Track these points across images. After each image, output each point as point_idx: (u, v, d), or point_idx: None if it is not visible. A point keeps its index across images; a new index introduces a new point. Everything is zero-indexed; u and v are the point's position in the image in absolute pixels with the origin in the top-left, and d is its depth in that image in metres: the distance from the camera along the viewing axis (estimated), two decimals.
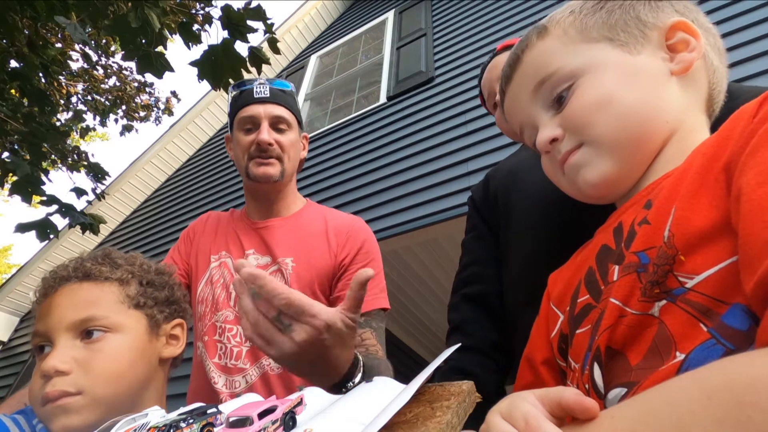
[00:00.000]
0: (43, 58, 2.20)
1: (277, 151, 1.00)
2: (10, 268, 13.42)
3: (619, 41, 0.47)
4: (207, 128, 4.99)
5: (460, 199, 2.25)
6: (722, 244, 0.31)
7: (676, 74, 0.46)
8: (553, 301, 0.52)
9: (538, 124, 0.51)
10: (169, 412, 0.44)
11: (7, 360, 4.54)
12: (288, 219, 1.04)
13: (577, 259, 0.51)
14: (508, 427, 0.30)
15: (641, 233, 0.38)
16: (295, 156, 1.05)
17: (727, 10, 2.11)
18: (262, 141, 0.97)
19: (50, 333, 0.58)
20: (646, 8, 0.48)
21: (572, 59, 0.48)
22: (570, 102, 0.47)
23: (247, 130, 1.01)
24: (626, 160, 0.45)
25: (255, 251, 1.00)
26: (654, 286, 0.35)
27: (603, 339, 0.37)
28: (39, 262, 4.73)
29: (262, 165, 0.98)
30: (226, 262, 1.01)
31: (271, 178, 0.98)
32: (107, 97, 4.80)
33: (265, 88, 1.02)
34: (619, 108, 0.44)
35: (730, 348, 0.29)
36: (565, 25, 0.50)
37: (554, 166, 0.51)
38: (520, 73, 0.53)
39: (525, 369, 0.53)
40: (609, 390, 0.36)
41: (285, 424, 0.40)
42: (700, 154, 0.37)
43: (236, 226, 1.06)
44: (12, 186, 1.97)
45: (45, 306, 0.61)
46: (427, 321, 3.40)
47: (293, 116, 1.05)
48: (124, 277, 0.66)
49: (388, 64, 3.55)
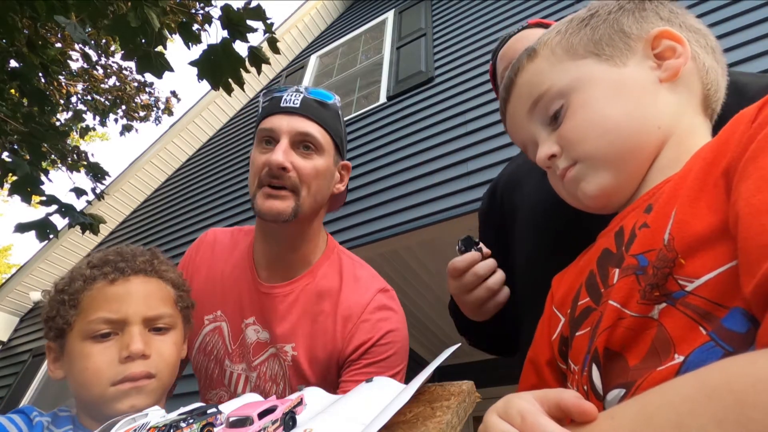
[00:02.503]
0: (42, 58, 2.20)
1: (292, 180, 0.77)
2: (9, 268, 13.41)
3: (605, 55, 0.49)
4: (207, 128, 4.98)
5: (460, 199, 2.25)
6: (722, 248, 0.31)
7: (665, 81, 0.47)
8: (555, 304, 0.52)
9: (538, 141, 0.53)
10: (169, 412, 0.44)
11: (6, 360, 4.54)
12: (298, 283, 0.83)
13: (580, 262, 0.52)
14: (505, 425, 0.30)
15: (641, 236, 0.39)
16: (320, 189, 0.81)
17: (727, 10, 2.11)
18: (272, 163, 0.75)
19: (126, 320, 0.63)
20: (630, 20, 0.50)
21: (561, 77, 0.50)
22: (563, 121, 0.49)
23: (264, 147, 0.80)
24: (621, 170, 0.46)
25: (255, 321, 0.83)
26: (653, 289, 0.35)
27: (601, 340, 0.37)
28: (39, 262, 4.73)
29: (269, 198, 0.76)
30: (221, 328, 0.86)
31: (280, 217, 0.76)
32: (107, 97, 4.80)
33: (297, 96, 0.81)
34: (607, 124, 0.46)
35: (729, 350, 0.29)
36: (553, 46, 0.52)
37: (556, 180, 0.53)
38: (515, 95, 0.56)
39: (529, 371, 0.53)
40: (608, 391, 0.36)
41: (285, 424, 0.40)
42: (699, 158, 0.37)
43: (239, 277, 0.86)
44: (12, 186, 1.97)
45: (114, 292, 0.64)
46: (427, 321, 3.40)
47: (328, 136, 0.82)
48: (177, 280, 0.72)
49: (388, 64, 3.54)
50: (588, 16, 0.52)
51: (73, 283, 0.65)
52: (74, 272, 0.67)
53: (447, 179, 2.39)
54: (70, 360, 0.62)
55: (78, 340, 0.62)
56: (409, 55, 3.44)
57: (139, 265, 0.67)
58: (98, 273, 0.65)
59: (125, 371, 0.59)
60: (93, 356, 0.60)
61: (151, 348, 0.63)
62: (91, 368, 0.59)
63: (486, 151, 2.35)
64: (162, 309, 0.66)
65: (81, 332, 0.62)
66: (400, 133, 2.86)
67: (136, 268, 0.67)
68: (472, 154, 2.39)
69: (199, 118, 4.94)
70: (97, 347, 0.61)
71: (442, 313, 3.38)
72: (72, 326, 0.62)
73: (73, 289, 0.64)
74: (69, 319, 0.62)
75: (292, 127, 0.78)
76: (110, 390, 0.58)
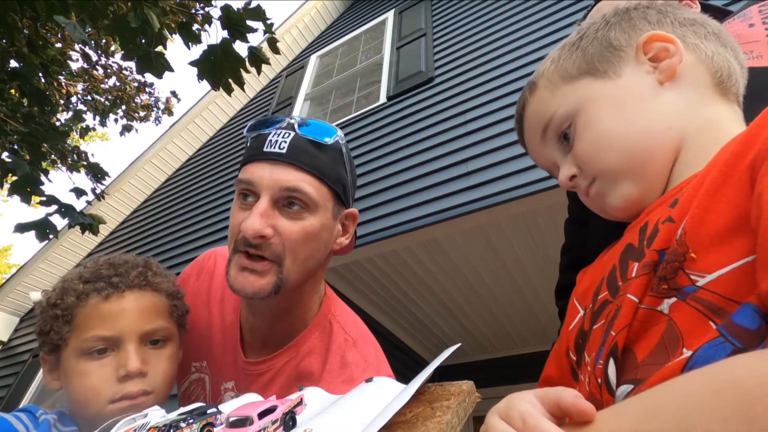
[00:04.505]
0: (42, 58, 2.20)
1: (273, 248, 0.62)
2: (9, 268, 13.40)
3: (599, 72, 0.51)
4: (207, 128, 4.98)
5: (460, 199, 2.25)
6: (738, 243, 0.31)
7: (664, 81, 0.47)
8: (577, 297, 0.53)
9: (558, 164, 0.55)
10: (168, 412, 0.44)
11: (6, 360, 4.54)
12: (278, 359, 0.71)
13: (605, 257, 0.52)
14: (507, 427, 0.30)
15: (663, 231, 0.39)
16: (311, 254, 0.66)
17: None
18: (247, 231, 0.60)
19: (121, 337, 0.62)
20: (618, 33, 0.51)
21: (562, 102, 0.52)
22: (574, 142, 0.51)
23: (242, 202, 0.65)
24: (640, 177, 0.47)
25: (234, 387, 0.75)
26: (662, 282, 0.35)
27: (622, 336, 0.37)
28: (39, 263, 4.72)
29: (244, 271, 0.62)
30: (204, 381, 0.79)
31: (256, 296, 0.62)
32: (107, 97, 4.80)
33: (286, 137, 0.64)
34: (611, 137, 0.48)
35: (738, 346, 0.29)
36: (549, 74, 0.55)
37: (584, 197, 0.54)
38: (527, 127, 0.59)
39: (551, 362, 0.54)
40: (619, 386, 0.37)
41: (285, 424, 0.40)
42: (727, 151, 0.37)
43: (227, 336, 0.77)
44: (11, 186, 1.97)
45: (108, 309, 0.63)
46: (427, 321, 3.39)
47: (324, 188, 0.66)
48: (171, 290, 0.71)
49: (388, 64, 3.54)
50: (577, 38, 0.54)
51: (65, 297, 0.64)
52: (66, 284, 0.65)
53: (447, 179, 2.39)
54: (66, 376, 0.62)
55: (73, 357, 0.61)
56: (409, 55, 3.44)
57: (133, 280, 0.66)
58: (91, 288, 0.64)
59: (123, 390, 0.59)
60: (90, 375, 0.60)
61: (148, 364, 0.63)
62: (89, 386, 0.59)
63: (486, 151, 2.35)
64: (157, 323, 0.66)
65: (76, 349, 0.61)
66: (400, 133, 2.86)
67: (130, 284, 0.66)
68: (472, 154, 2.39)
69: (199, 118, 4.93)
70: (93, 365, 0.61)
71: (442, 313, 3.38)
72: (67, 342, 0.62)
73: (66, 304, 0.63)
74: (63, 335, 0.62)
75: (276, 181, 0.62)
76: (108, 408, 0.59)
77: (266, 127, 0.67)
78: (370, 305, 3.18)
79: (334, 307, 0.76)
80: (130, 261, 0.70)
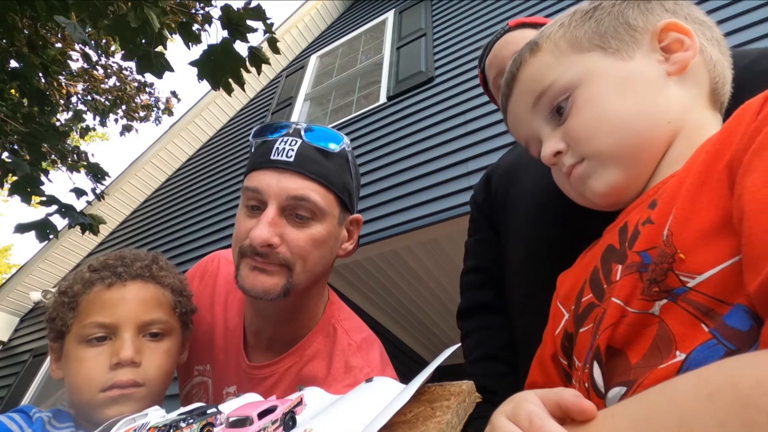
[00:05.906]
0: (43, 58, 2.20)
1: (281, 256, 0.63)
2: (9, 268, 13.41)
3: (611, 49, 0.48)
4: (207, 128, 4.98)
5: (460, 199, 2.25)
6: (724, 244, 0.31)
7: (673, 74, 0.46)
8: (560, 300, 0.52)
9: (542, 138, 0.52)
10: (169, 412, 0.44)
11: (6, 360, 4.54)
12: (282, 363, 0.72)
13: (585, 258, 0.51)
14: (513, 427, 0.30)
15: (644, 233, 0.38)
16: (319, 260, 0.67)
17: (727, 10, 2.11)
18: (255, 240, 0.61)
19: (119, 325, 0.62)
20: (636, 12, 0.48)
21: (566, 71, 0.49)
22: (569, 117, 0.48)
23: (249, 211, 0.66)
24: (631, 167, 0.45)
25: (236, 391, 0.75)
26: (652, 285, 0.35)
27: (604, 338, 0.37)
28: (39, 263, 4.72)
29: (255, 270, 0.64)
30: (206, 385, 0.79)
31: (267, 295, 0.64)
32: (107, 97, 4.80)
33: (293, 145, 0.65)
34: (615, 120, 0.45)
35: (731, 348, 0.29)
36: (556, 39, 0.51)
37: (562, 177, 0.52)
38: (518, 90, 0.54)
39: (534, 369, 0.54)
40: (609, 389, 0.36)
41: (285, 424, 0.40)
42: (703, 152, 0.37)
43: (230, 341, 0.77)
44: (11, 186, 1.97)
45: (109, 297, 0.64)
46: (427, 321, 3.40)
47: (330, 196, 0.66)
48: (176, 285, 0.71)
49: (388, 64, 3.54)
50: (592, 8, 0.50)
51: (73, 285, 0.65)
52: (76, 275, 0.67)
53: (447, 179, 2.39)
54: (66, 363, 0.63)
55: (74, 343, 0.62)
56: (409, 55, 3.44)
57: (136, 270, 0.67)
58: (97, 277, 0.65)
59: (114, 378, 0.59)
60: (86, 361, 0.60)
61: (142, 355, 0.63)
62: (83, 373, 0.60)
63: (486, 151, 2.35)
64: (156, 314, 0.66)
65: (77, 336, 0.62)
66: (400, 133, 2.86)
67: (133, 274, 0.67)
68: (472, 154, 2.39)
69: (199, 118, 4.93)
70: (90, 352, 0.61)
71: (442, 313, 3.38)
72: (69, 329, 0.63)
73: (73, 291, 0.65)
74: (67, 321, 0.63)
75: (283, 189, 0.63)
76: (99, 396, 0.59)
77: (272, 134, 0.68)
78: (371, 305, 3.18)
79: (338, 312, 0.77)
80: (138, 254, 0.71)
